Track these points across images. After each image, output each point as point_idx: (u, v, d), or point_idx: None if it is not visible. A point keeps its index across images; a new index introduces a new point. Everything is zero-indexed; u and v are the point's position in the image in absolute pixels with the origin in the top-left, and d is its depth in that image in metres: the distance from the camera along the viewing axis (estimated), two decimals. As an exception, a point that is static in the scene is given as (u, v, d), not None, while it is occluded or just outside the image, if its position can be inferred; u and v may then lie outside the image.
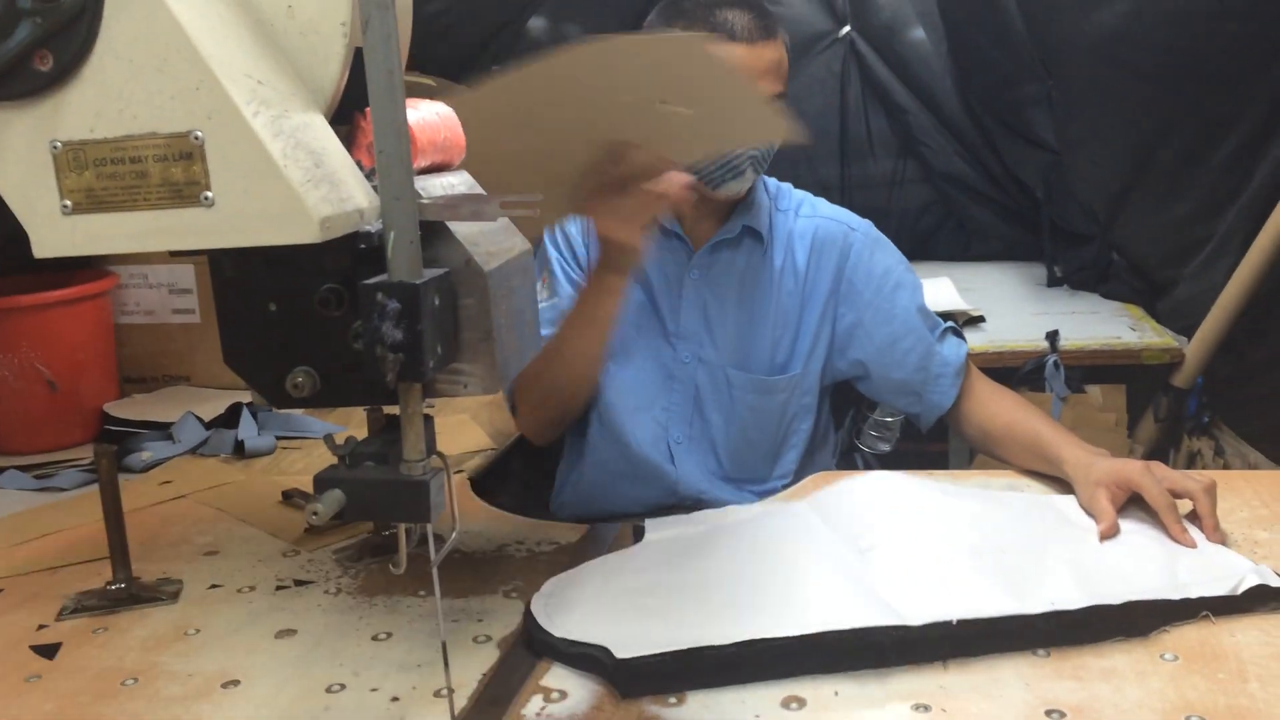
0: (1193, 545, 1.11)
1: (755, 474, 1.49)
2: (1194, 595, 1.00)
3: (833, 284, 1.54)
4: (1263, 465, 2.18)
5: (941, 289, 2.63)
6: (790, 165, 3.28)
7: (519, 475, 1.88)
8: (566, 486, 1.62)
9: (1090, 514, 1.20)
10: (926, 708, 0.89)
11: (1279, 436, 2.22)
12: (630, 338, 1.51)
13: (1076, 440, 1.32)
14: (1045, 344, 2.32)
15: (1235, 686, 0.89)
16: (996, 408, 1.49)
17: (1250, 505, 1.25)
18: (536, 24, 3.07)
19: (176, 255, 0.72)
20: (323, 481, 0.75)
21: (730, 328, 1.52)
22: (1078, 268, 2.86)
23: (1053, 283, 2.92)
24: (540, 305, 1.48)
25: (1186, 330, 2.38)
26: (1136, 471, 1.18)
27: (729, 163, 1.41)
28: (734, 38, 1.35)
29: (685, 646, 0.94)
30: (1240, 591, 1.01)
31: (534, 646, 1.02)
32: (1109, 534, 1.14)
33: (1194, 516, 1.16)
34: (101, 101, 0.71)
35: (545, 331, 1.43)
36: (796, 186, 1.62)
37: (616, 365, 1.51)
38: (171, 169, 0.68)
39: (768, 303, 1.52)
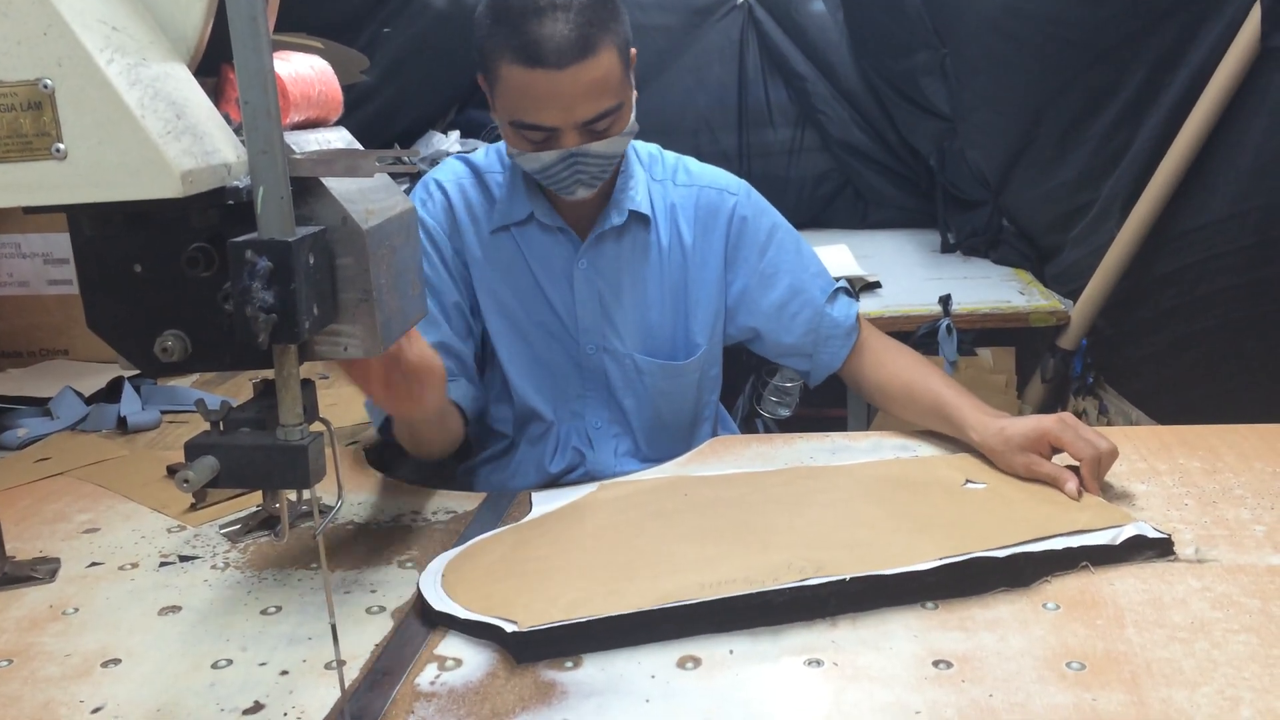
0: (1078, 497, 1.15)
1: (673, 452, 1.47)
2: (1075, 545, 1.04)
3: (723, 254, 1.53)
4: (1144, 423, 2.26)
5: (839, 256, 2.67)
6: (691, 134, 3.28)
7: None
8: (479, 464, 1.58)
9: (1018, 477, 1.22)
10: (819, 662, 0.90)
11: (1159, 395, 2.31)
12: (533, 336, 1.48)
13: (975, 402, 1.33)
14: (939, 308, 2.37)
15: (1113, 632, 0.92)
16: (894, 367, 1.49)
17: (1129, 459, 1.29)
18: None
19: (30, 213, 0.67)
20: (195, 448, 0.72)
21: (628, 313, 1.49)
22: (969, 234, 2.93)
23: (946, 249, 2.99)
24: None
25: (1072, 294, 2.45)
26: (1054, 426, 1.20)
27: (572, 175, 1.34)
28: (538, 63, 1.23)
29: (581, 618, 0.94)
30: (1119, 542, 1.04)
31: (428, 616, 1.00)
32: (1078, 491, 1.15)
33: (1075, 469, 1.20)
34: (-60, 47, 0.66)
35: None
36: (698, 157, 1.59)
37: (525, 366, 1.49)
38: (20, 119, 0.64)
39: (661, 283, 1.50)
